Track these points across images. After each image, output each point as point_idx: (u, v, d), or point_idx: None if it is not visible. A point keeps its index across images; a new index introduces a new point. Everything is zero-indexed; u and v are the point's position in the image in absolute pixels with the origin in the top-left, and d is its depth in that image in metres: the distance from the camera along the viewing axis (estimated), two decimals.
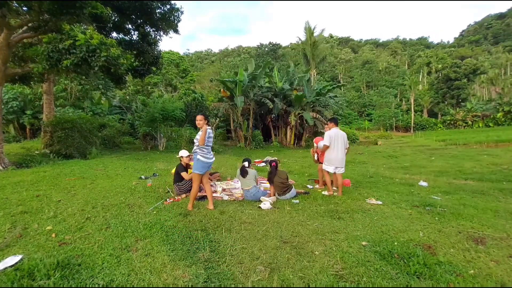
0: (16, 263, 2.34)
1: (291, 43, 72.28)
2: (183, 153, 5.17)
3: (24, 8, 7.63)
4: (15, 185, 5.41)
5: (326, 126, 5.61)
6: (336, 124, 5.17)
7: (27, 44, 8.90)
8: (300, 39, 22.56)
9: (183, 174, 4.83)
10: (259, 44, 65.17)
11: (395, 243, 2.78)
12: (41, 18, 7.27)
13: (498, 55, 59.55)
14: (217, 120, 18.53)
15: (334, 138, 4.99)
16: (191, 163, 5.14)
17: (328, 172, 5.15)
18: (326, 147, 5.06)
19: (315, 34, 21.31)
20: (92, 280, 2.16)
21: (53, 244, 2.80)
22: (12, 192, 4.89)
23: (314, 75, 20.00)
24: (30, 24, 7.68)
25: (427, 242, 2.84)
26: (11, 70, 8.36)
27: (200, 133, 3.94)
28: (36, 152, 10.21)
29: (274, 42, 63.38)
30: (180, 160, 5.18)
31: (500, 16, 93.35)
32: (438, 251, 2.65)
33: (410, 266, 2.31)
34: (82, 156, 10.11)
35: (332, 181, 5.18)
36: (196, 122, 3.99)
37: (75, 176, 6.47)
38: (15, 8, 7.46)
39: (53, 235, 3.03)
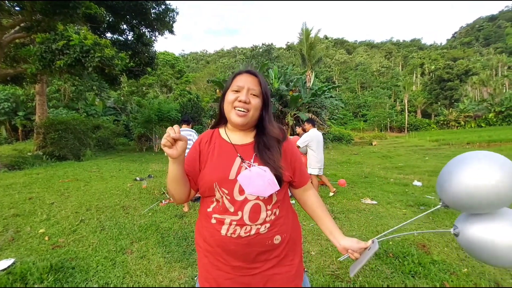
0: (8, 266, 2.30)
1: (287, 43, 72.49)
2: None
3: (17, 8, 7.53)
4: (7, 188, 5.32)
5: (299, 128, 5.43)
6: (314, 125, 4.92)
7: (19, 44, 8.77)
8: (298, 38, 22.60)
9: None
10: (253, 45, 65.11)
11: (390, 243, 2.81)
12: (33, 18, 7.18)
13: (489, 57, 60.54)
14: (212, 121, 18.50)
15: (315, 139, 4.73)
16: None
17: (315, 175, 4.79)
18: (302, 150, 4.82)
19: (311, 35, 21.45)
20: (86, 283, 2.14)
21: (46, 247, 2.76)
22: (4, 195, 4.81)
23: (310, 76, 20.09)
24: (22, 24, 7.57)
25: (422, 242, 2.87)
26: (3, 70, 8.23)
27: None
28: (29, 154, 10.07)
29: (267, 43, 63.44)
30: None
31: (491, 18, 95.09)
32: (432, 250, 2.68)
33: (405, 265, 2.34)
34: (75, 158, 10.00)
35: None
36: None
37: (69, 178, 6.39)
38: (7, 8, 7.36)
39: (46, 238, 2.99)
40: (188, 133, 4.05)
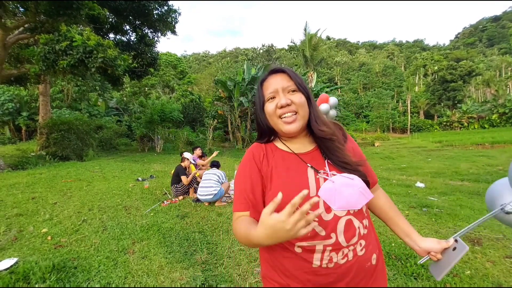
0: (11, 266, 2.31)
1: (288, 45, 72.55)
2: (187, 154, 5.12)
3: (21, 9, 7.60)
4: (10, 187, 5.36)
5: None
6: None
7: (23, 45, 8.84)
8: (300, 40, 22.69)
9: (183, 178, 4.78)
10: (253, 47, 65.06)
11: (393, 244, 2.79)
12: (37, 19, 7.23)
13: (492, 57, 60.21)
14: (214, 121, 18.54)
15: None
16: (192, 166, 5.13)
17: None
18: None
19: (314, 37, 21.52)
20: (88, 283, 2.14)
21: (48, 247, 2.77)
22: (7, 195, 4.84)
23: (311, 76, 20.10)
24: (26, 25, 7.63)
25: None
26: (6, 71, 8.30)
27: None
28: (32, 154, 10.12)
29: (268, 44, 63.29)
30: (182, 161, 5.06)
31: (495, 19, 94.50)
32: None
33: (408, 267, 2.32)
34: (78, 158, 10.05)
35: None
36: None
37: (71, 178, 6.42)
38: (12, 9, 7.42)
39: (49, 237, 3.00)
40: (216, 171, 4.46)
